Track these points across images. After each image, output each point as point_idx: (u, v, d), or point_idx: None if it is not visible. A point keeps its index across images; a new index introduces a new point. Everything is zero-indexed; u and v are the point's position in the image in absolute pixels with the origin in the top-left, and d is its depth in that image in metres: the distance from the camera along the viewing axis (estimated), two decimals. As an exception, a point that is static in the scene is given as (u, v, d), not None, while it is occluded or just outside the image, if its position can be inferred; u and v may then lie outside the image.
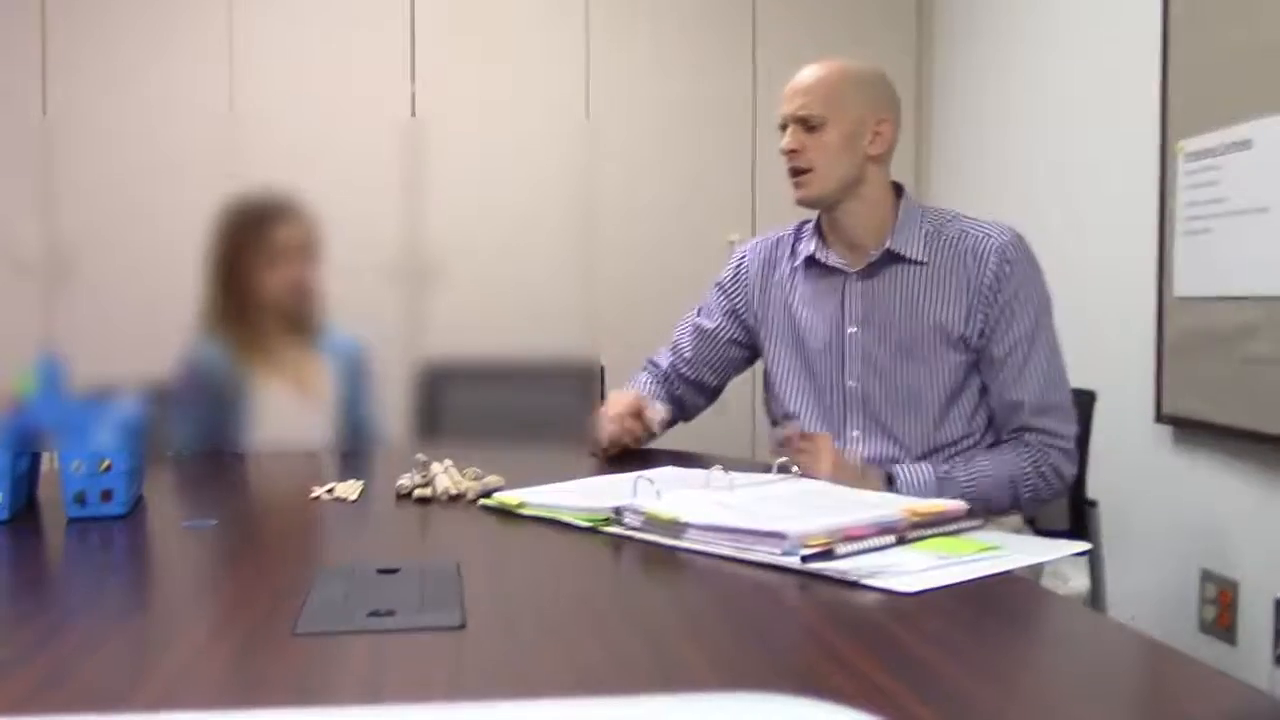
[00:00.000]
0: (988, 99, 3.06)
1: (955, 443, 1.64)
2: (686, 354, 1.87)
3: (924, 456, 1.64)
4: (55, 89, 3.11)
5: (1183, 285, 2.17)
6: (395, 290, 3.14)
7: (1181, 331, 2.18)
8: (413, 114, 3.22)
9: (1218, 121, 2.05)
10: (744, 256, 1.84)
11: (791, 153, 1.64)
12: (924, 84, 3.40)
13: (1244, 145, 1.98)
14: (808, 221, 1.78)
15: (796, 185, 1.66)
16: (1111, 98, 2.46)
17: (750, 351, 1.86)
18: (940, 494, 1.51)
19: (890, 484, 1.57)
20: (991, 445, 1.66)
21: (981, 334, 1.61)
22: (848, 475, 1.48)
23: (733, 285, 1.84)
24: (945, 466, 1.60)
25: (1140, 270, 2.30)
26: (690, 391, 1.89)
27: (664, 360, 1.91)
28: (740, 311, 1.82)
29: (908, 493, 1.52)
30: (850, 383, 1.67)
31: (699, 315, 1.88)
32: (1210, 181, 2.08)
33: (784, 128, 1.66)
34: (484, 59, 3.25)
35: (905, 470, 1.58)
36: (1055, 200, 2.68)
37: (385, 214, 3.14)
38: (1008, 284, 1.60)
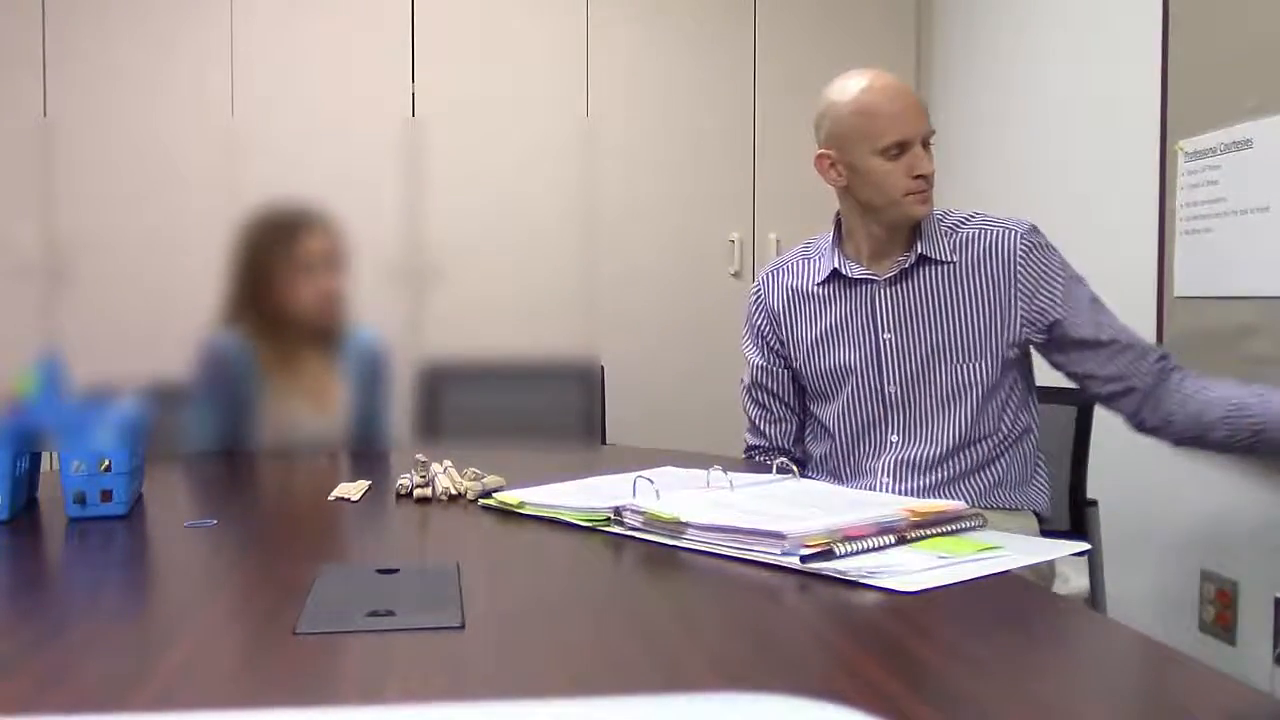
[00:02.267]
0: (988, 99, 3.06)
1: (987, 438, 1.67)
2: (765, 419, 1.86)
3: (955, 452, 1.66)
4: (55, 89, 3.11)
5: (1183, 285, 2.17)
6: (396, 290, 3.15)
7: (1181, 331, 2.18)
8: (413, 114, 3.22)
9: (1218, 121, 2.05)
10: (758, 291, 1.85)
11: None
12: (924, 84, 3.40)
13: (1244, 145, 1.99)
14: (812, 241, 1.82)
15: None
16: (1111, 98, 2.46)
17: None
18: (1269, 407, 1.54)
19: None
20: (1150, 391, 1.66)
21: (1030, 322, 1.64)
22: None
23: (760, 320, 1.84)
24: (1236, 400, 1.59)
25: (1140, 270, 2.30)
26: (798, 440, 1.87)
27: (755, 439, 1.88)
28: (776, 348, 1.82)
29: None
30: (890, 389, 1.69)
31: (749, 381, 1.87)
32: (1210, 181, 2.08)
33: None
34: (484, 59, 3.25)
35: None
36: (1055, 200, 2.67)
37: (385, 214, 3.15)
38: (1040, 268, 1.66)
